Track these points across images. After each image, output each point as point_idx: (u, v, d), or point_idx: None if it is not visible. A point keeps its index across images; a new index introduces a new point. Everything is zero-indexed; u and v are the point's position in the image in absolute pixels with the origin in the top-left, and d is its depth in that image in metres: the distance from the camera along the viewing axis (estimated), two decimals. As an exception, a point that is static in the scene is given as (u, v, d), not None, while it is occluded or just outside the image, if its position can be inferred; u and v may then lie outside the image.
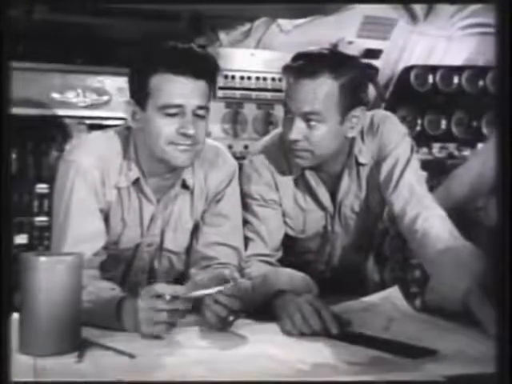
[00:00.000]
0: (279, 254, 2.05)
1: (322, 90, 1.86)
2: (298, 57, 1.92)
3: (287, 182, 2.06)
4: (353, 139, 2.01)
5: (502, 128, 1.31)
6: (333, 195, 2.08)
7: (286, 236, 2.10)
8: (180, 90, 1.73)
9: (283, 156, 2.05)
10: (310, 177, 2.04)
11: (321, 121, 1.88)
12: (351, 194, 2.08)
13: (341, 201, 2.08)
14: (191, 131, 1.73)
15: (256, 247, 2.00)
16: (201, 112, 1.76)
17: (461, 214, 1.98)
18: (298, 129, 1.89)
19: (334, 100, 1.88)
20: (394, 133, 2.04)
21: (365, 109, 1.96)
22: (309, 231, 2.12)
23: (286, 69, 1.93)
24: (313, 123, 1.88)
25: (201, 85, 1.75)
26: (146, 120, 1.77)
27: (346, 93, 1.88)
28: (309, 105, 1.87)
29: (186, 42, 1.80)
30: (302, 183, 2.07)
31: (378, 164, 2.04)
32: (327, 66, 1.87)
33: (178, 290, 1.54)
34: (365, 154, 2.04)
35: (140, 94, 1.77)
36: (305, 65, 1.88)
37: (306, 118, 1.88)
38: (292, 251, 2.12)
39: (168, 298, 1.50)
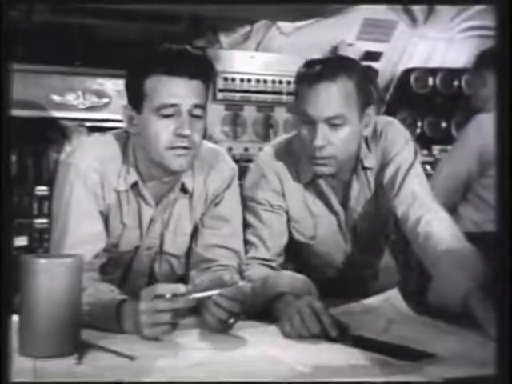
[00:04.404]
0: (281, 260, 2.04)
1: (343, 91, 1.86)
2: (310, 63, 1.92)
3: (295, 188, 2.05)
4: (359, 144, 2.01)
5: (501, 128, 1.31)
6: (342, 200, 2.08)
7: (296, 242, 2.09)
8: (175, 90, 1.72)
9: (292, 161, 2.05)
10: (323, 183, 2.04)
11: (344, 123, 1.87)
12: (361, 198, 2.08)
13: (351, 206, 2.07)
14: (187, 131, 1.72)
15: (257, 251, 1.99)
16: (197, 112, 1.76)
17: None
18: (323, 134, 1.87)
19: (353, 100, 1.88)
20: (397, 138, 2.04)
21: (374, 107, 1.97)
22: (319, 237, 2.11)
23: (301, 76, 1.92)
24: (337, 126, 1.87)
25: (196, 84, 1.75)
26: (142, 124, 1.77)
27: (360, 91, 1.89)
28: (332, 109, 1.86)
29: (183, 44, 1.80)
30: (311, 189, 2.06)
31: (382, 168, 2.05)
32: (342, 67, 1.88)
33: (178, 289, 1.53)
34: (370, 158, 2.04)
35: (136, 98, 1.77)
36: (323, 69, 1.88)
37: (330, 122, 1.87)
38: (301, 257, 2.13)
39: (169, 296, 1.49)
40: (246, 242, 2.00)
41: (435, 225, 1.87)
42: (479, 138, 2.82)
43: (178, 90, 1.72)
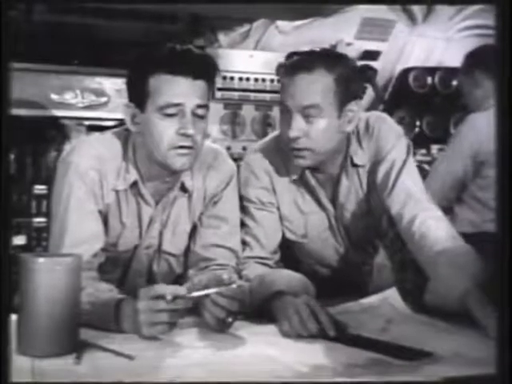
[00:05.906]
0: (277, 257, 2.05)
1: (320, 82, 1.87)
2: (291, 55, 1.94)
3: (285, 185, 2.06)
4: (349, 140, 2.01)
5: (501, 128, 1.31)
6: (332, 197, 2.08)
7: (287, 240, 2.09)
8: (179, 89, 1.73)
9: (281, 159, 2.04)
10: (310, 177, 2.04)
11: (319, 115, 1.87)
12: (351, 195, 2.07)
13: (341, 203, 2.07)
14: (191, 131, 1.73)
15: (252, 251, 1.99)
16: (200, 111, 1.76)
17: None
18: (298, 125, 1.88)
19: (331, 93, 1.88)
20: (390, 134, 2.04)
21: (360, 102, 1.96)
22: (310, 234, 2.11)
23: (281, 67, 1.94)
24: (312, 118, 1.87)
25: (200, 84, 1.75)
26: (145, 122, 1.77)
27: (341, 86, 1.89)
28: (307, 98, 1.86)
29: (185, 44, 1.80)
30: (301, 185, 2.06)
31: (374, 166, 2.04)
32: (321, 60, 1.89)
33: (178, 290, 1.54)
34: (361, 155, 2.03)
35: (139, 96, 1.77)
36: (300, 60, 1.90)
37: (305, 112, 1.87)
38: (293, 255, 2.12)
39: (169, 297, 1.49)
40: (242, 242, 2.00)
41: (431, 224, 1.86)
42: (473, 137, 2.85)
43: (182, 90, 1.73)
